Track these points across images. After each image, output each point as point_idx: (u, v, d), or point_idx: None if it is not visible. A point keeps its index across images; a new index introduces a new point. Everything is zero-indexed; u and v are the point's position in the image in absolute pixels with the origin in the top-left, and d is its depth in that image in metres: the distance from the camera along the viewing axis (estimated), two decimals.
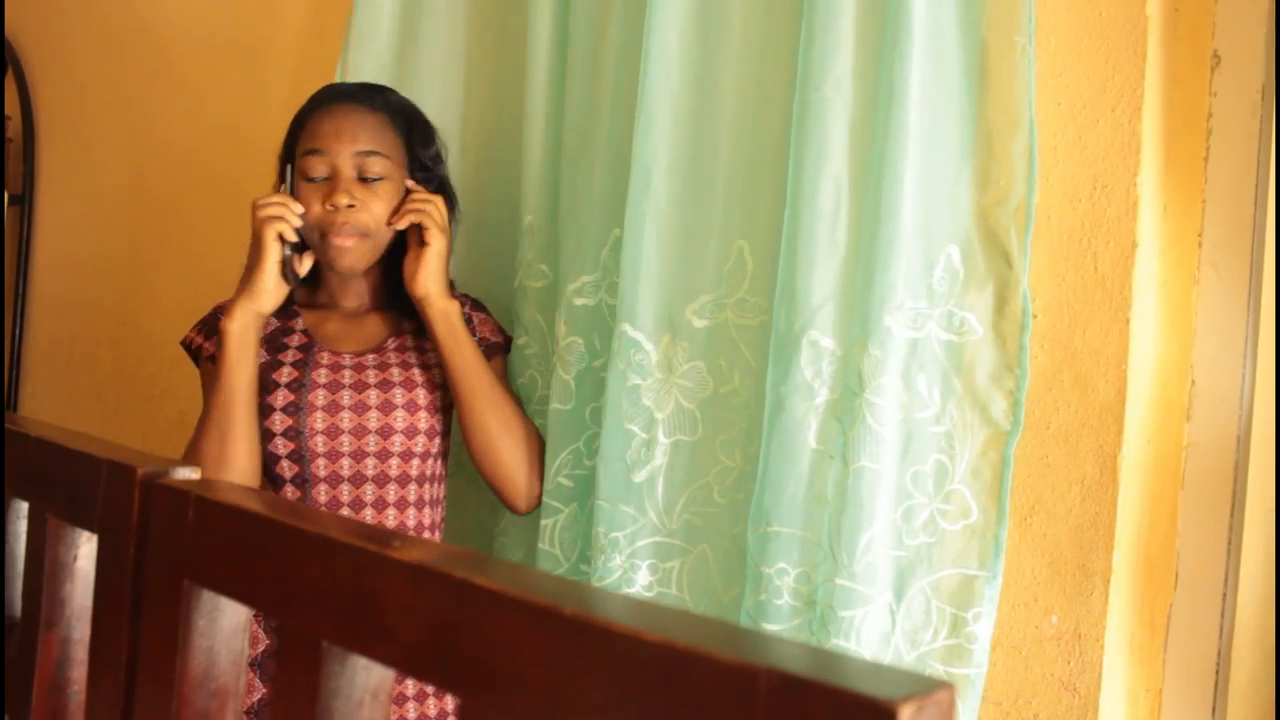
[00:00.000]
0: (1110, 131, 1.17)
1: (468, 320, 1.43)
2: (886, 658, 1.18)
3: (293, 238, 1.33)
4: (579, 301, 1.38)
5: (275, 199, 1.33)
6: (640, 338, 1.31)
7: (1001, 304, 1.16)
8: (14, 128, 2.76)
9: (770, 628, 1.20)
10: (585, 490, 1.38)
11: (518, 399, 1.46)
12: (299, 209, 1.33)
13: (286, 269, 1.33)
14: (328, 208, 1.33)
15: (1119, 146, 1.16)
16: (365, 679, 0.57)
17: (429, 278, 1.35)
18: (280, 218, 1.31)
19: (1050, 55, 1.21)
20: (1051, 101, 1.20)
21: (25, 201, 2.71)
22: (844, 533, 1.17)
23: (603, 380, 1.34)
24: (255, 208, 1.32)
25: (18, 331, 2.72)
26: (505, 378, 1.47)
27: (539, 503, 1.40)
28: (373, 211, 1.34)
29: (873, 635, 1.17)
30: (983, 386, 1.17)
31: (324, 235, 1.34)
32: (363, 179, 1.34)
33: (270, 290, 1.31)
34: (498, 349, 1.46)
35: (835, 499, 1.18)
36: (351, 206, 1.33)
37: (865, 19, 1.20)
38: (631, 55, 1.35)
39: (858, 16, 1.20)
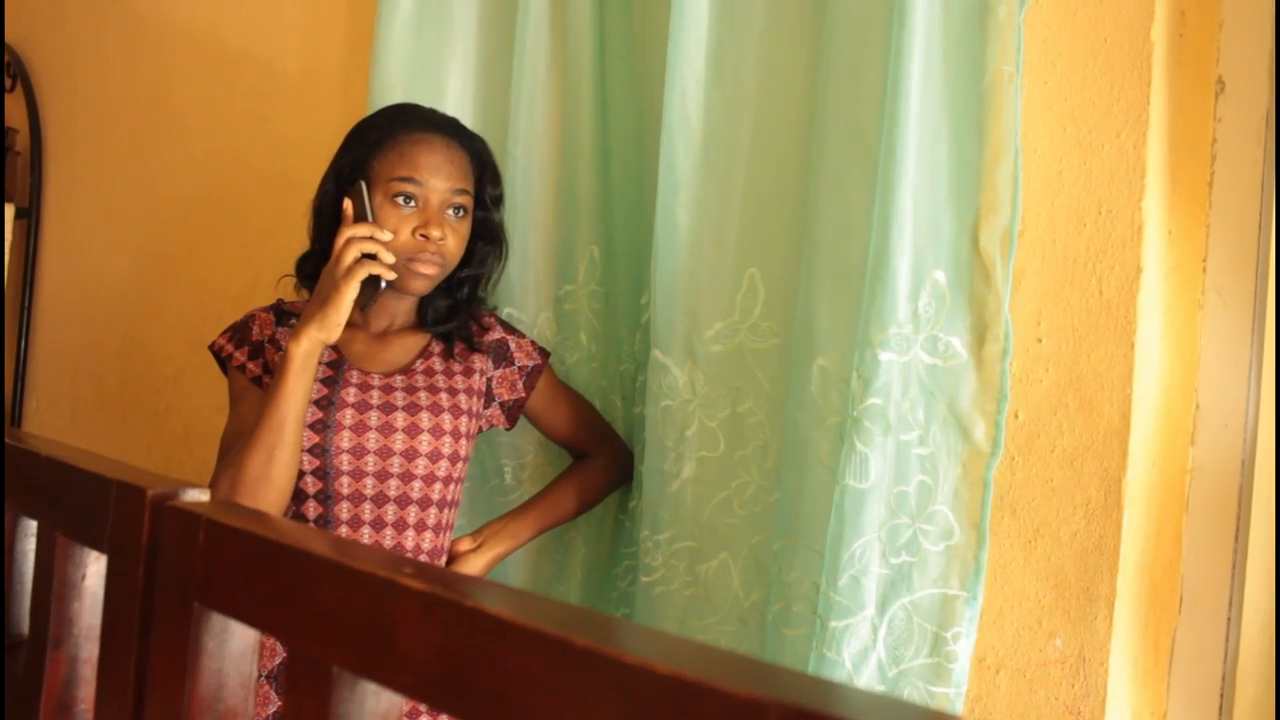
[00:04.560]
0: (1115, 156, 1.18)
1: (504, 346, 1.48)
2: (868, 672, 1.21)
3: (390, 275, 1.31)
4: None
5: (365, 232, 1.30)
6: (669, 362, 1.39)
7: (984, 329, 1.19)
8: (22, 141, 2.78)
9: (790, 633, 1.26)
10: None
11: (583, 401, 1.55)
12: (386, 238, 1.32)
13: (369, 299, 1.32)
14: (419, 237, 1.35)
15: (1124, 171, 1.17)
16: (375, 705, 0.57)
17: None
18: (374, 256, 1.30)
19: (1055, 81, 1.21)
20: (1057, 126, 1.21)
21: (32, 215, 2.72)
22: (832, 547, 1.21)
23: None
24: (349, 241, 1.29)
25: (23, 345, 2.73)
26: (558, 386, 1.53)
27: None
28: (451, 245, 1.38)
29: (855, 649, 1.20)
30: (965, 410, 1.19)
31: (409, 260, 1.35)
32: (449, 210, 1.38)
33: (341, 324, 1.29)
34: (539, 371, 1.50)
35: (833, 515, 1.22)
36: (443, 239, 1.36)
37: (869, 50, 1.23)
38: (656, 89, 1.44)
39: (864, 48, 1.24)
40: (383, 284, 1.31)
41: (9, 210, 2.67)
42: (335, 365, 1.39)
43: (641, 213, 1.52)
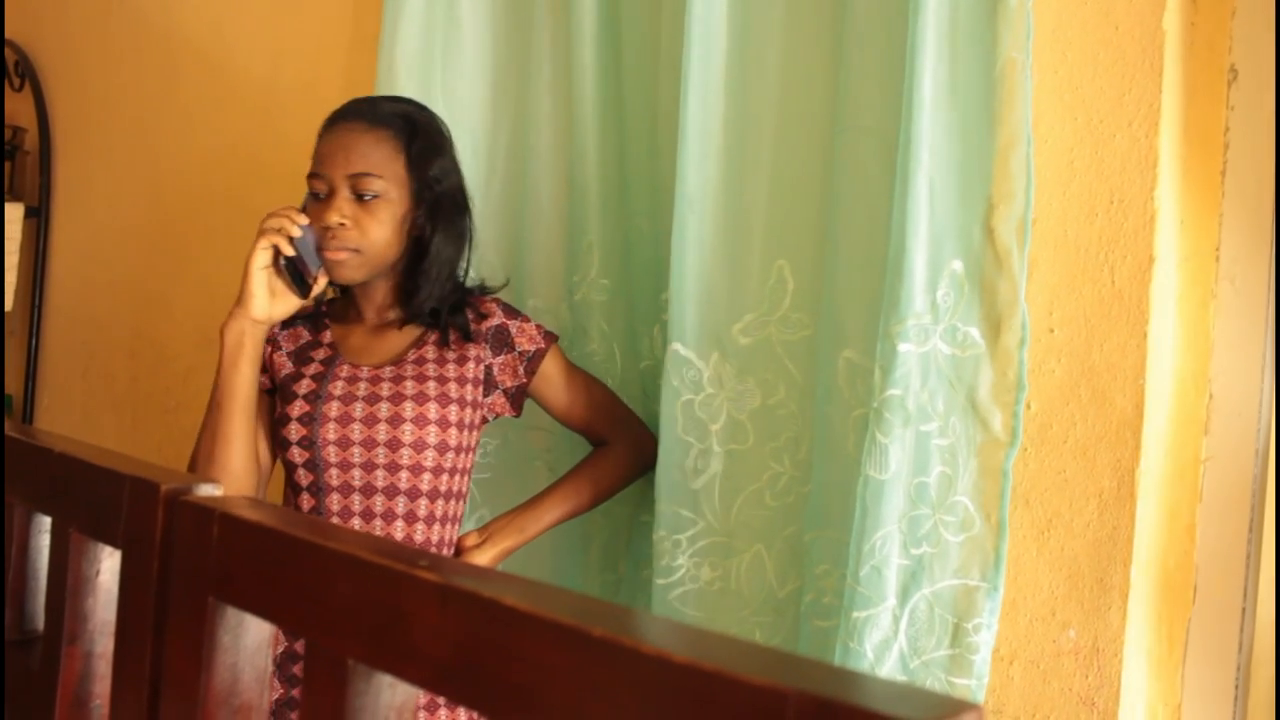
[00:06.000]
0: (1127, 146, 1.17)
1: (504, 332, 1.46)
2: (890, 663, 1.21)
3: (287, 250, 1.35)
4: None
5: (281, 211, 1.37)
6: (691, 356, 1.38)
7: (1002, 319, 1.19)
8: (31, 140, 2.78)
9: (823, 624, 1.26)
10: None
11: (598, 385, 1.51)
12: (302, 220, 1.36)
13: (294, 281, 1.37)
14: (321, 226, 1.37)
15: (1136, 161, 1.16)
16: (390, 697, 0.57)
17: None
18: (278, 230, 1.35)
19: (1067, 70, 1.21)
20: (1068, 116, 1.20)
21: (42, 214, 2.73)
22: (855, 539, 1.21)
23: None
24: (261, 223, 1.37)
25: (34, 344, 2.73)
26: (569, 370, 1.49)
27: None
28: (364, 229, 1.37)
29: (876, 640, 1.20)
30: (984, 400, 1.19)
31: (326, 251, 1.38)
32: (359, 196, 1.37)
33: (257, 296, 1.35)
34: (541, 355, 1.45)
35: (857, 506, 1.22)
36: (342, 224, 1.36)
37: (887, 44, 1.24)
38: (674, 89, 1.42)
39: (881, 43, 1.25)
40: (282, 260, 1.36)
41: (19, 209, 2.67)
42: (328, 361, 1.41)
43: (657, 206, 1.51)
